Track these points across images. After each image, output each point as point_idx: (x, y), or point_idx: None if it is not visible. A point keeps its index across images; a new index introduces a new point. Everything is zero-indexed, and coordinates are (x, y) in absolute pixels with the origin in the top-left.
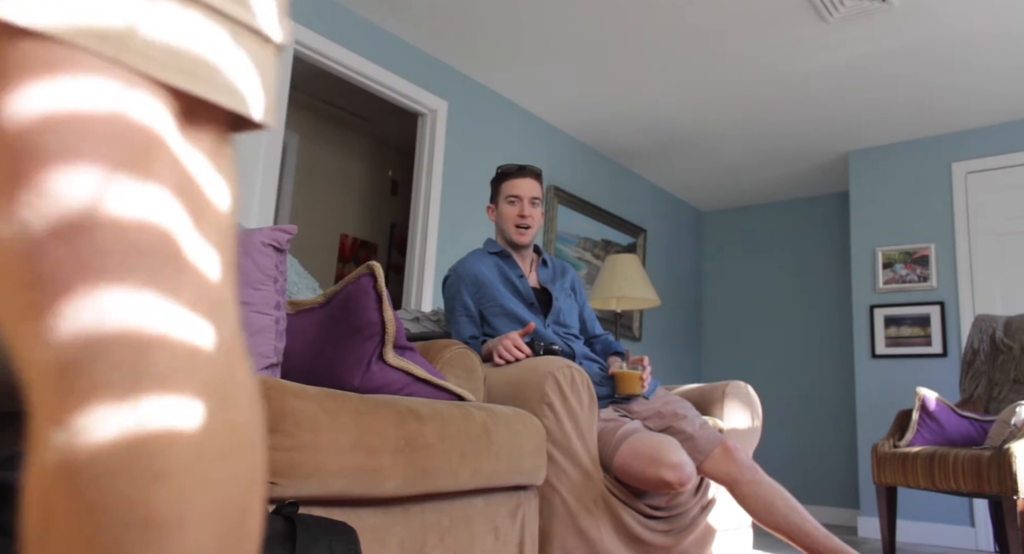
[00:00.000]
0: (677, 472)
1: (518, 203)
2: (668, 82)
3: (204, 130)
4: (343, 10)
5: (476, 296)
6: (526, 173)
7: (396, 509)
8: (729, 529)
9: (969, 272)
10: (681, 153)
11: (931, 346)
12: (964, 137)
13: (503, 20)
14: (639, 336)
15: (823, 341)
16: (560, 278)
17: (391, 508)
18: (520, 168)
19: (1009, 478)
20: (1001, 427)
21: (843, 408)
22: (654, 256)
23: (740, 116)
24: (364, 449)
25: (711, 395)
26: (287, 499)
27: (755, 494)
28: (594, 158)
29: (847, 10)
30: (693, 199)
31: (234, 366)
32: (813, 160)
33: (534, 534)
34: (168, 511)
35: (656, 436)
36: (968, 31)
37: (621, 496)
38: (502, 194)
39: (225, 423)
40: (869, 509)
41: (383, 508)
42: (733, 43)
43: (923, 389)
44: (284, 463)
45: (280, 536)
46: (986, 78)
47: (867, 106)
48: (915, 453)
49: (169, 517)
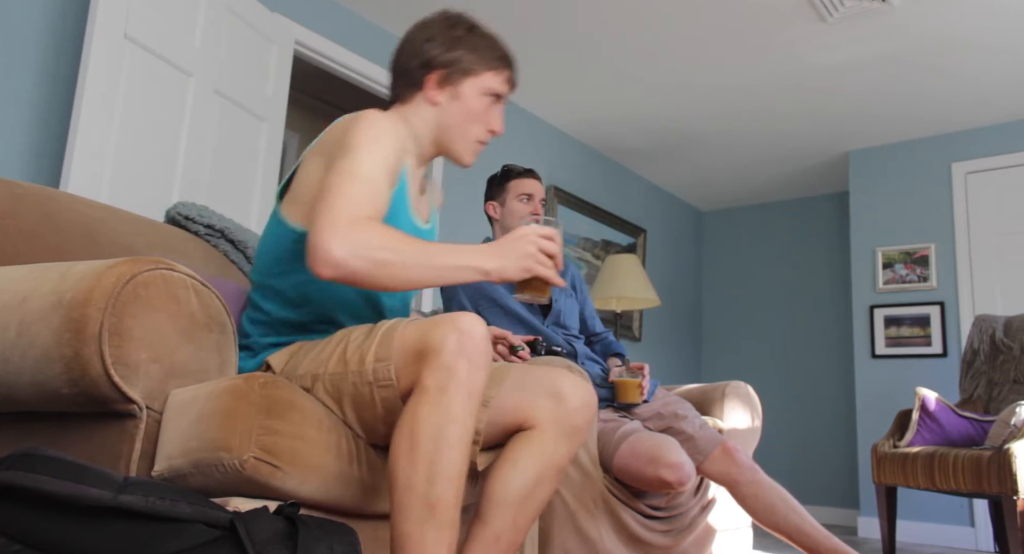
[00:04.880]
0: (676, 472)
1: (531, 201)
2: (668, 82)
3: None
4: (343, 10)
5: (473, 297)
6: (534, 174)
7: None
8: (729, 529)
9: (969, 272)
10: (681, 153)
11: (931, 346)
12: (964, 137)
13: (503, 20)
14: (639, 336)
15: (823, 341)
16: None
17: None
18: (528, 170)
19: (1009, 478)
20: (1001, 427)
21: (843, 408)
22: (654, 256)
23: (740, 116)
24: (366, 463)
25: (711, 395)
26: (289, 498)
27: (755, 495)
28: (594, 158)
29: (847, 10)
30: (693, 199)
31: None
32: (813, 160)
33: (534, 534)
34: None
35: (655, 436)
36: (968, 31)
37: (621, 496)
38: (511, 192)
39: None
40: (869, 509)
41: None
42: (733, 43)
43: (923, 389)
44: (287, 449)
45: (281, 536)
46: (986, 78)
47: (867, 106)
48: (915, 453)
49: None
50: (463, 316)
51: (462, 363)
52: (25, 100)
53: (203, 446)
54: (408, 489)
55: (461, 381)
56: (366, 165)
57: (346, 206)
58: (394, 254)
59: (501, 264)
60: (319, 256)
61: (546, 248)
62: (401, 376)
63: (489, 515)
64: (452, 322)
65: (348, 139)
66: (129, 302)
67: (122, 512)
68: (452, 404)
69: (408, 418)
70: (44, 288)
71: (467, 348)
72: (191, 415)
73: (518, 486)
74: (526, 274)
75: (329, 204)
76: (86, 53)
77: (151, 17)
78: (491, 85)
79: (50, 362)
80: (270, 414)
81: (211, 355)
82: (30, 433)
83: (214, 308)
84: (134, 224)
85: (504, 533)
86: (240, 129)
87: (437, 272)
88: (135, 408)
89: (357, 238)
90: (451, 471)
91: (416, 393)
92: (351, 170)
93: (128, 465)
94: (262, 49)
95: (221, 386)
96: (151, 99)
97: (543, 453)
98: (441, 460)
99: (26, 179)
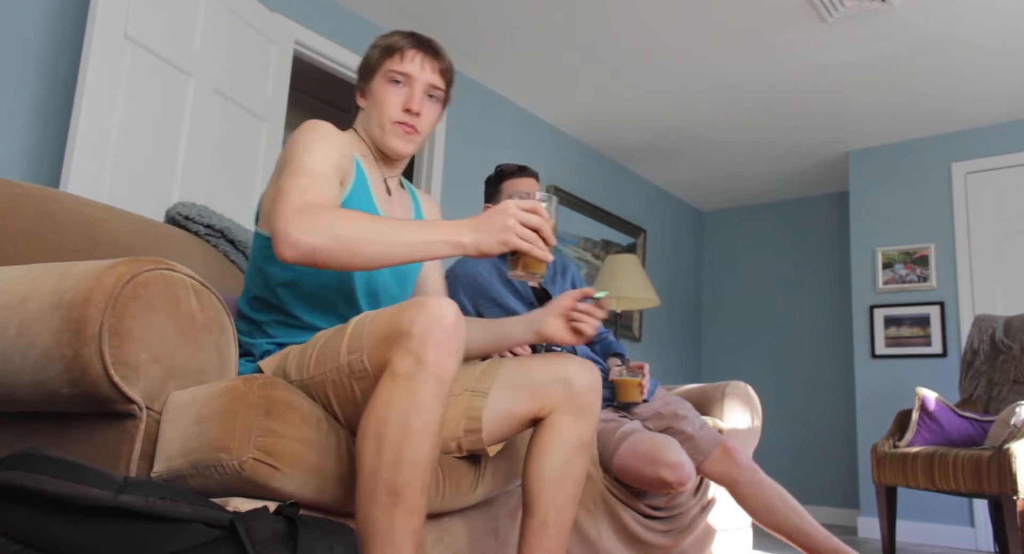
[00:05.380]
0: (676, 471)
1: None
2: (668, 82)
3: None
4: (343, 10)
5: (473, 298)
6: (529, 173)
7: None
8: (729, 529)
9: (969, 272)
10: (681, 153)
11: (931, 346)
12: (964, 137)
13: (503, 20)
14: (639, 336)
15: (823, 341)
16: (561, 278)
17: None
18: (522, 168)
19: (1009, 478)
20: (1001, 427)
21: (843, 408)
22: (654, 256)
23: (740, 116)
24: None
25: (711, 395)
26: (289, 499)
27: (755, 495)
28: (594, 158)
29: (847, 10)
30: (693, 199)
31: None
32: (813, 160)
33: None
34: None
35: (655, 436)
36: (968, 31)
37: (621, 496)
38: (505, 193)
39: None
40: (869, 509)
41: None
42: (733, 43)
43: (923, 389)
44: (286, 450)
45: (281, 536)
46: (986, 78)
47: (867, 106)
48: (915, 453)
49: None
50: (432, 300)
51: (430, 348)
52: (25, 100)
53: (202, 447)
54: (374, 475)
55: (430, 367)
56: (309, 162)
57: (298, 196)
58: (353, 230)
59: (477, 237)
60: (279, 240)
61: (528, 221)
62: (373, 364)
63: (533, 505)
64: (421, 306)
65: (290, 146)
66: (129, 302)
67: (122, 512)
68: (419, 391)
69: (375, 403)
70: (44, 288)
71: (436, 333)
72: (190, 416)
73: (550, 471)
74: (504, 247)
75: (282, 198)
76: (86, 53)
77: (151, 17)
78: (389, 68)
79: (50, 362)
80: (269, 415)
81: (211, 355)
82: (30, 433)
83: (214, 308)
84: (134, 224)
85: (550, 518)
86: (240, 129)
87: (407, 247)
88: (135, 408)
89: (311, 218)
90: (417, 459)
91: (385, 377)
92: (296, 169)
93: (128, 465)
94: (262, 49)
95: (220, 387)
96: (151, 99)
97: (564, 435)
98: (407, 447)
99: (26, 179)
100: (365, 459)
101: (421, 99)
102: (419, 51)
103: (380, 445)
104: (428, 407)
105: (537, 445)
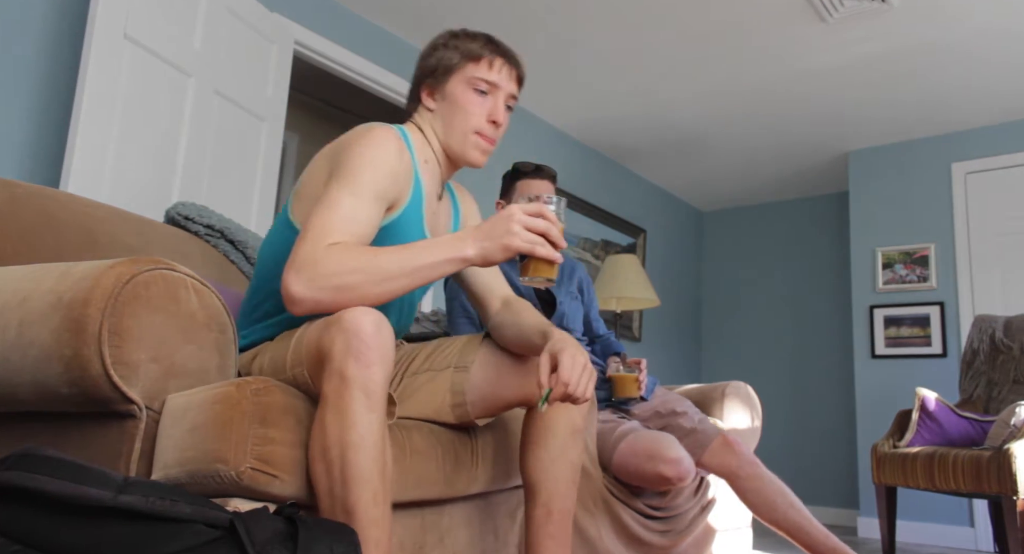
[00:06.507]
0: (675, 467)
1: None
2: (668, 82)
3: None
4: (343, 10)
5: None
6: (545, 174)
7: (395, 510)
8: (729, 529)
9: (969, 272)
10: (681, 153)
11: (931, 346)
12: (964, 137)
13: (503, 21)
14: (639, 336)
15: (823, 341)
16: (567, 281)
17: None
18: (538, 168)
19: (1009, 478)
20: (1001, 427)
21: (843, 408)
22: (654, 256)
23: (740, 116)
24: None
25: (711, 395)
26: (288, 499)
27: (756, 489)
28: (594, 158)
29: (847, 10)
30: (693, 199)
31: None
32: (813, 160)
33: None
34: None
35: (654, 433)
36: (968, 31)
37: (620, 496)
38: (518, 192)
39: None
40: (869, 509)
41: None
42: (733, 43)
43: (923, 389)
44: (284, 457)
45: (281, 536)
46: (986, 78)
47: (867, 106)
48: (915, 453)
49: None
50: (348, 313)
51: (350, 363)
52: (25, 100)
53: (199, 457)
54: (328, 494)
55: (355, 382)
56: (348, 188)
57: (313, 238)
58: (355, 276)
59: (482, 246)
60: (285, 296)
61: (532, 225)
62: (313, 380)
63: (534, 495)
64: (338, 323)
65: (345, 155)
66: (129, 302)
67: (122, 512)
68: (349, 409)
69: (315, 426)
70: (44, 288)
71: (353, 346)
72: (185, 425)
73: (546, 458)
74: (509, 253)
75: (301, 238)
76: (86, 53)
77: (151, 17)
78: (473, 75)
79: (50, 362)
80: (264, 422)
81: (211, 355)
82: (30, 433)
83: (214, 308)
84: (134, 224)
85: (553, 505)
86: (240, 129)
87: (414, 276)
88: (135, 408)
89: (313, 271)
90: (361, 473)
91: (320, 400)
92: (332, 198)
93: (128, 465)
94: (262, 49)
95: (213, 394)
96: (151, 99)
97: (556, 425)
98: (350, 465)
99: (26, 179)
100: (317, 481)
101: (504, 110)
102: (505, 61)
103: (327, 466)
104: (361, 420)
105: (529, 439)
